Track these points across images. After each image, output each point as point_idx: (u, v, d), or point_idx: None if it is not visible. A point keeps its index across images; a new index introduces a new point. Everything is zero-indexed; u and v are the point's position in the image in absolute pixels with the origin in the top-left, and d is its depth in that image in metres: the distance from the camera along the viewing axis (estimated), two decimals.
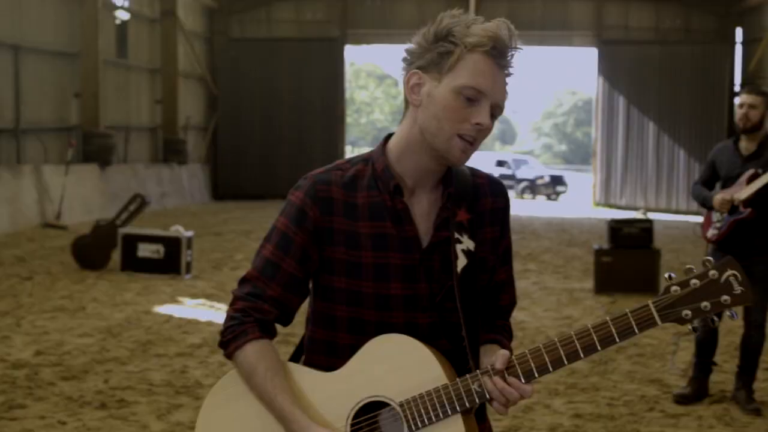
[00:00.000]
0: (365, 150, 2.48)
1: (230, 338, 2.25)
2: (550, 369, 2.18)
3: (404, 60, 2.25)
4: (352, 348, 2.25)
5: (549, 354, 2.18)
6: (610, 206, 27.31)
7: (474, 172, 2.37)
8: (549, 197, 37.04)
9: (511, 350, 2.32)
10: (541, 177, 38.02)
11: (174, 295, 10.56)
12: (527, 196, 37.25)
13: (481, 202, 2.33)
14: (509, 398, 2.17)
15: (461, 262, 2.26)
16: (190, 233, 12.09)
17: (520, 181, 37.99)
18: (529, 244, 17.00)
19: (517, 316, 9.66)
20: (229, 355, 2.27)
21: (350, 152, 47.89)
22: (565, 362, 2.17)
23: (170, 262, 11.80)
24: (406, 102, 2.26)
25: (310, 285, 2.36)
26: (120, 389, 6.63)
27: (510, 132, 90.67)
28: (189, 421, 5.91)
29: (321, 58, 27.82)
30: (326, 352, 2.33)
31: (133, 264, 11.89)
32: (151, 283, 11.27)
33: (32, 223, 17.33)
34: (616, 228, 11.09)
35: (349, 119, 29.23)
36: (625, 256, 10.81)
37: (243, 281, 2.31)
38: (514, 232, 15.28)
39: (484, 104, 2.16)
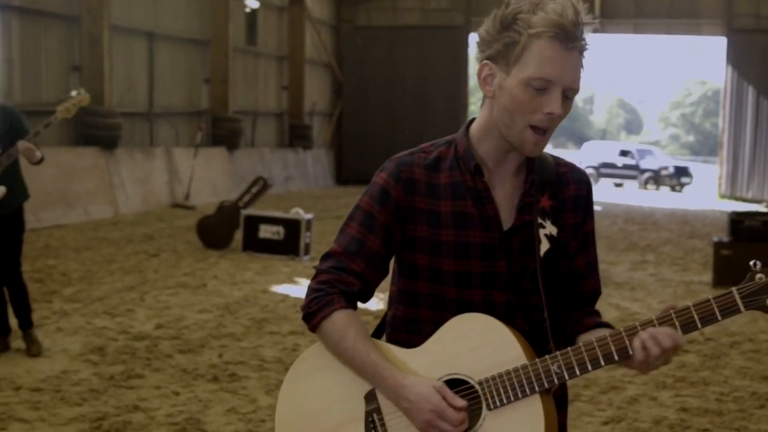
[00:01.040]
0: None
1: (316, 309, 2.27)
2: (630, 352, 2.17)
3: (477, 45, 2.24)
4: (434, 324, 2.25)
5: (629, 337, 2.16)
6: (736, 199, 26.42)
7: (557, 161, 2.36)
8: (673, 188, 35.98)
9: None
10: (666, 168, 36.94)
11: (291, 276, 10.74)
12: (651, 186, 36.32)
13: (564, 190, 2.32)
14: (662, 342, 2.11)
15: (544, 246, 2.25)
16: (309, 216, 12.25)
17: (644, 171, 37.02)
18: (649, 236, 16.61)
19: (630, 307, 9.47)
20: (315, 327, 2.29)
21: None
22: None
23: (290, 243, 12.00)
24: None
25: (394, 264, 2.38)
26: (233, 364, 6.79)
27: (636, 122, 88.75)
28: None
29: (445, 45, 27.74)
30: (408, 329, 2.34)
31: (254, 244, 12.14)
32: (271, 264, 11.48)
33: (162, 203, 17.89)
34: (737, 221, 10.73)
35: (472, 107, 29.06)
36: (746, 249, 10.42)
37: (326, 256, 2.34)
38: (634, 223, 14.96)
39: (555, 92, 2.13)
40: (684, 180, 36.54)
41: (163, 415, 5.58)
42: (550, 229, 2.27)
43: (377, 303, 7.87)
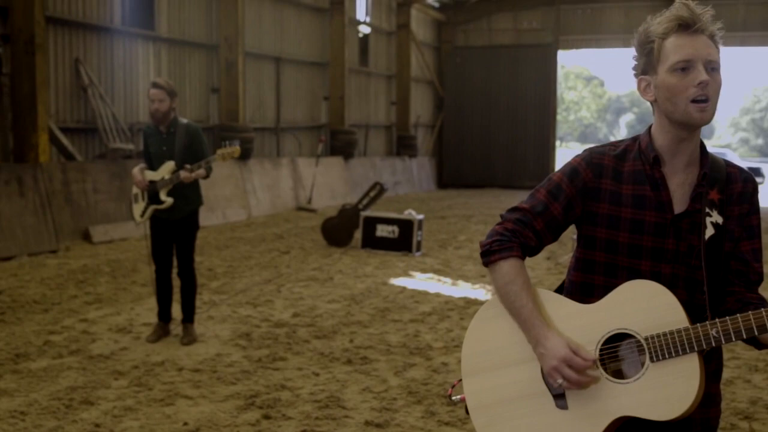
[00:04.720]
0: (572, 145, 2.62)
1: (497, 249, 2.41)
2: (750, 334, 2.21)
3: (632, 70, 2.44)
4: (605, 289, 2.37)
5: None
6: None
7: (728, 163, 2.46)
8: None
9: None
10: None
11: (406, 270, 10.74)
12: None
13: (732, 187, 2.41)
14: None
15: (709, 231, 2.34)
16: (421, 216, 12.24)
17: None
18: None
19: None
20: (490, 263, 2.42)
21: (559, 147, 46.99)
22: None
23: (403, 241, 12.01)
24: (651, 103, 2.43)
25: (576, 236, 2.52)
26: (363, 348, 6.82)
27: (708, 127, 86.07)
28: (422, 378, 5.98)
29: (535, 62, 27.41)
30: (582, 292, 2.47)
31: (372, 242, 12.19)
32: (387, 259, 11.51)
33: (288, 206, 18.14)
34: None
35: (558, 117, 28.71)
36: None
37: (514, 209, 2.47)
38: None
39: (697, 66, 2.27)
40: (757, 180, 35.24)
41: (307, 393, 5.63)
42: (716, 218, 2.35)
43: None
